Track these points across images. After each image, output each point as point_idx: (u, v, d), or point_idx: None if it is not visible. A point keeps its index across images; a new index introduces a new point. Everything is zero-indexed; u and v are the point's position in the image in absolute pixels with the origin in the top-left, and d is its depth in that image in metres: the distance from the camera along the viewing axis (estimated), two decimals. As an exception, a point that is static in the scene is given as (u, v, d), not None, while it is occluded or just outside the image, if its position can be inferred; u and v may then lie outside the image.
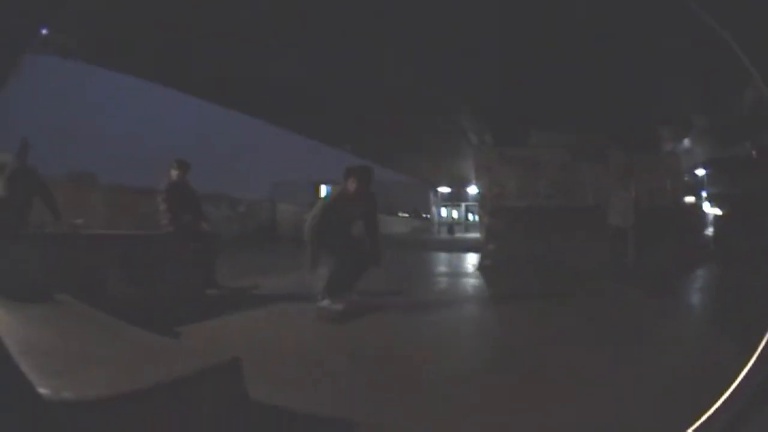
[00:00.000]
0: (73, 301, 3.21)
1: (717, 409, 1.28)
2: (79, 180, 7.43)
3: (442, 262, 8.83)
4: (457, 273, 7.57)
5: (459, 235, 10.16)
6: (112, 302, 3.31)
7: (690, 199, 7.68)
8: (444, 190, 10.29)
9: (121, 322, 2.83)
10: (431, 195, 10.38)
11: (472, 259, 8.18)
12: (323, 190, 9.53)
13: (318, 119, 8.78)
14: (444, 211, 10.51)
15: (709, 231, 6.79)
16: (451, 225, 10.37)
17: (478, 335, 4.26)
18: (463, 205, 10.37)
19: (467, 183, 9.75)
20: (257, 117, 9.56)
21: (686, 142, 7.19)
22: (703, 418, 1.29)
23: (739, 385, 1.28)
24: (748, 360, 1.28)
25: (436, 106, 7.92)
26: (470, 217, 10.46)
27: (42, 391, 1.49)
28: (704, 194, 7.24)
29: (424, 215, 10.94)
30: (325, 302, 4.46)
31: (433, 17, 6.01)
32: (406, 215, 11.12)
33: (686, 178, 7.15)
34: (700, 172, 7.46)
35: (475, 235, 9.27)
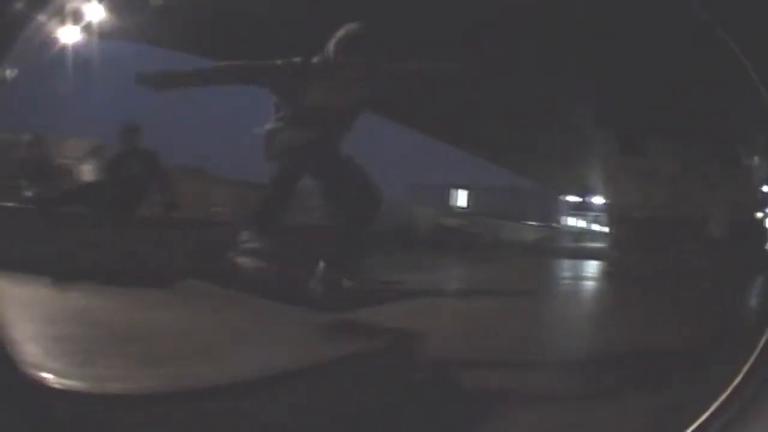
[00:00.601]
0: (208, 285, 3.21)
1: (716, 409, 1.40)
2: (187, 172, 7.79)
3: (567, 268, 9.00)
4: (581, 278, 7.82)
5: (584, 243, 10.31)
6: (254, 292, 3.37)
7: (759, 214, 7.26)
8: (571, 198, 10.32)
9: (273, 303, 3.01)
10: (559, 203, 10.44)
11: (596, 267, 8.31)
12: (460, 195, 10.09)
13: (451, 123, 9.30)
14: (571, 220, 10.55)
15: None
16: (577, 233, 10.44)
17: (601, 332, 4.64)
18: (590, 214, 10.42)
19: (594, 192, 9.77)
20: (385, 116, 10.13)
21: (756, 159, 6.72)
22: (702, 418, 1.40)
23: (738, 384, 1.39)
24: (747, 360, 1.39)
25: (567, 114, 8.12)
26: (595, 226, 10.50)
27: (140, 383, 1.53)
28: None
29: (551, 224, 11.06)
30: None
31: (566, 24, 6.32)
32: (533, 223, 11.31)
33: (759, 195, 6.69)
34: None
35: (600, 244, 9.40)
